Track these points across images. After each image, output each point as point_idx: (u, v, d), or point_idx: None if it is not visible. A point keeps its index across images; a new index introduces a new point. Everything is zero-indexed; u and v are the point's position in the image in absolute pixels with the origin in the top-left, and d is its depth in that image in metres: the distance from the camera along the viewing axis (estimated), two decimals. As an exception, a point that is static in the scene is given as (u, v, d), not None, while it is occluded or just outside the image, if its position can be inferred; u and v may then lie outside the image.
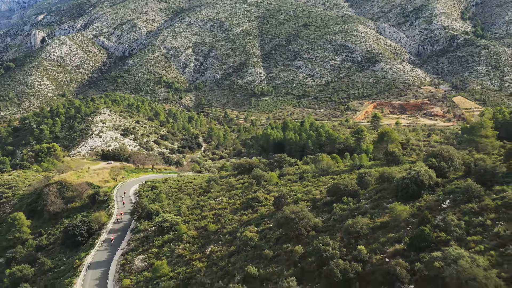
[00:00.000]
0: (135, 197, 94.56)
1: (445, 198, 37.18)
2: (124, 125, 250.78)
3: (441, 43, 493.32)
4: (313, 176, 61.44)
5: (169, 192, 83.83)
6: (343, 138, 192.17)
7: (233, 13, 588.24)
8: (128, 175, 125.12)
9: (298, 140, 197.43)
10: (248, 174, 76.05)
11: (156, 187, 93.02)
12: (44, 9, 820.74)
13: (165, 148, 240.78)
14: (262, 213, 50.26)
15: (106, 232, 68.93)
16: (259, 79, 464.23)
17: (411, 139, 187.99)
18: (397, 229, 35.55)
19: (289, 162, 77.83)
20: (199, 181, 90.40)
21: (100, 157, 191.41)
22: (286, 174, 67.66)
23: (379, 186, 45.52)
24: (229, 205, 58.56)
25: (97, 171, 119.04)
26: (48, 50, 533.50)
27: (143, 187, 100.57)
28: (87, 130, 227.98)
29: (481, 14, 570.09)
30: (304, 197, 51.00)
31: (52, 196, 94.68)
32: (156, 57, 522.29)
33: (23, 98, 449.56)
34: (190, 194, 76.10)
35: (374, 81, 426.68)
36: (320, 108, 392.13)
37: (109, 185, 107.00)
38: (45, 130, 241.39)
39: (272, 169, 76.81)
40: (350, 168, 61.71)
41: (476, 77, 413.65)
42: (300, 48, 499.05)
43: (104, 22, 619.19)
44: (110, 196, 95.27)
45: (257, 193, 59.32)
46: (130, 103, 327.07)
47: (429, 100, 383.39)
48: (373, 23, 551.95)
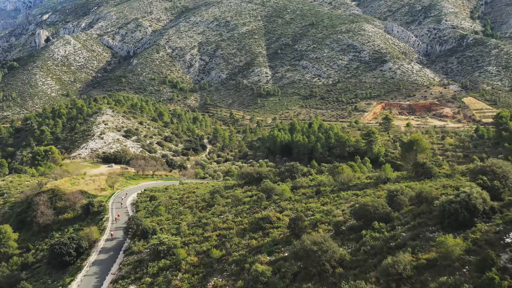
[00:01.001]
0: (132, 208, 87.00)
1: (508, 230, 29.46)
2: (127, 126, 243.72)
3: (450, 42, 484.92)
4: (331, 190, 53.59)
5: (169, 204, 76.16)
6: (353, 140, 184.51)
7: (239, 12, 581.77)
8: (127, 182, 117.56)
9: (306, 142, 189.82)
10: (256, 184, 68.30)
11: (155, 198, 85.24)
12: (49, 9, 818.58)
13: (169, 150, 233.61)
14: (275, 238, 42.41)
15: (96, 252, 61.36)
16: (265, 79, 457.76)
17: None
18: (450, 271, 27.81)
19: (302, 171, 69.73)
20: (202, 191, 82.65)
21: (101, 159, 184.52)
22: (299, 186, 59.68)
23: (416, 209, 37.66)
24: (235, 224, 50.78)
25: (93, 177, 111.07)
26: (52, 50, 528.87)
27: (141, 197, 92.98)
28: (89, 132, 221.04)
29: (490, 13, 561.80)
30: (324, 218, 43.18)
31: (42, 206, 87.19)
32: (161, 56, 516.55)
33: (26, 98, 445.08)
34: (191, 207, 68.28)
35: (382, 81, 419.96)
36: (327, 108, 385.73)
37: (105, 194, 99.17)
38: (46, 131, 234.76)
39: (283, 179, 68.94)
40: (374, 182, 53.82)
41: (486, 77, 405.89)
42: (307, 47, 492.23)
43: (109, 21, 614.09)
44: (105, 207, 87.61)
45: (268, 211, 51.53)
46: (133, 103, 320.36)
47: (439, 100, 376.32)
48: (381, 23, 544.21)
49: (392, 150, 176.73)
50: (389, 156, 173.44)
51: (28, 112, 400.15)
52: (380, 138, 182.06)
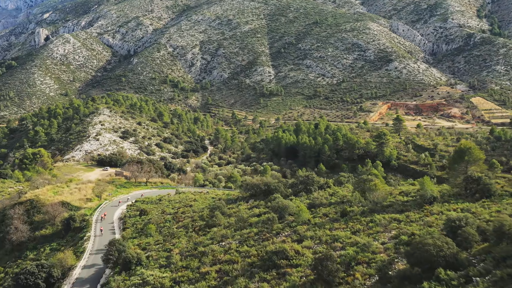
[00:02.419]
0: (120, 224, 75.99)
1: None
2: (125, 127, 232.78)
3: (456, 41, 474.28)
4: (362, 212, 42.57)
5: (161, 221, 65.10)
6: (363, 142, 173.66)
7: (241, 11, 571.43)
8: (117, 191, 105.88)
9: (313, 144, 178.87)
10: (264, 198, 57.22)
11: (146, 212, 73.80)
12: (50, 8, 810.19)
13: (168, 152, 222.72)
14: (295, 284, 31.50)
15: (69, 285, 50.38)
16: (268, 79, 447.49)
17: (439, 144, 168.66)
18: None
19: (319, 183, 58.26)
20: (200, 204, 71.58)
21: (96, 162, 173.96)
22: (318, 204, 48.41)
23: (494, 248, 26.90)
24: (240, 256, 39.69)
25: (79, 185, 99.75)
26: (51, 48, 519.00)
27: (131, 210, 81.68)
28: (84, 133, 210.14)
29: (497, 12, 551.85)
30: (360, 256, 32.21)
31: (17, 221, 75.97)
32: (161, 55, 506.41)
33: (24, 98, 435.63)
34: (187, 226, 57.39)
35: (388, 80, 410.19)
36: (332, 108, 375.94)
37: (90, 206, 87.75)
38: (40, 132, 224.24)
39: (296, 192, 57.59)
40: (415, 201, 42.78)
41: (494, 76, 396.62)
42: (311, 46, 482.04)
43: (109, 20, 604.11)
44: (88, 222, 75.88)
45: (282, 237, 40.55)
46: (133, 103, 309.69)
47: (446, 100, 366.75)
48: (386, 21, 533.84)
49: (405, 153, 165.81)
50: (401, 159, 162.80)
51: (26, 112, 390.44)
52: (392, 140, 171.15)
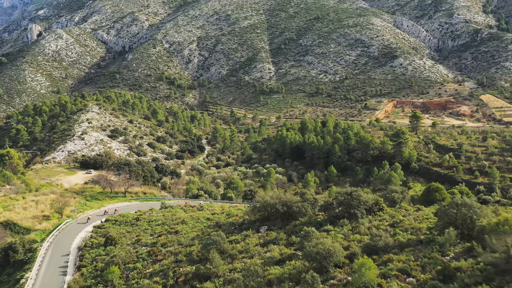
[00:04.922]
0: (76, 257, 57.42)
1: None
2: (114, 125, 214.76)
3: (463, 37, 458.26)
4: (484, 272, 23.49)
5: (131, 259, 46.13)
6: (378, 142, 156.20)
7: (240, 6, 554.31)
8: (85, 204, 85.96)
9: (321, 144, 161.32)
10: (282, 225, 38.98)
11: (114, 241, 54.45)
12: (45, 4, 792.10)
13: (161, 152, 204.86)
14: None
15: None
16: (268, 76, 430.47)
17: (464, 144, 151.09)
18: None
19: (366, 204, 38.67)
20: (189, 230, 52.83)
21: (79, 164, 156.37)
22: (383, 248, 28.55)
23: None
24: None
25: (38, 197, 79.95)
26: (43, 44, 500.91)
27: (95, 236, 62.98)
28: (69, 131, 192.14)
29: (504, 7, 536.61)
30: None
31: None
32: (157, 51, 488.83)
33: (14, 95, 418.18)
34: (166, 274, 38.74)
35: (393, 77, 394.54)
36: (335, 106, 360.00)
37: (45, 227, 69.00)
38: (22, 131, 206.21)
39: (332, 218, 38.24)
40: None
41: (504, 73, 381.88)
42: (312, 42, 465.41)
43: (104, 15, 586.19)
44: (35, 254, 56.34)
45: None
46: (125, 100, 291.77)
47: (455, 98, 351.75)
48: (390, 17, 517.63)
49: (426, 153, 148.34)
50: (422, 161, 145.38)
51: (15, 110, 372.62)
52: (411, 139, 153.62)
